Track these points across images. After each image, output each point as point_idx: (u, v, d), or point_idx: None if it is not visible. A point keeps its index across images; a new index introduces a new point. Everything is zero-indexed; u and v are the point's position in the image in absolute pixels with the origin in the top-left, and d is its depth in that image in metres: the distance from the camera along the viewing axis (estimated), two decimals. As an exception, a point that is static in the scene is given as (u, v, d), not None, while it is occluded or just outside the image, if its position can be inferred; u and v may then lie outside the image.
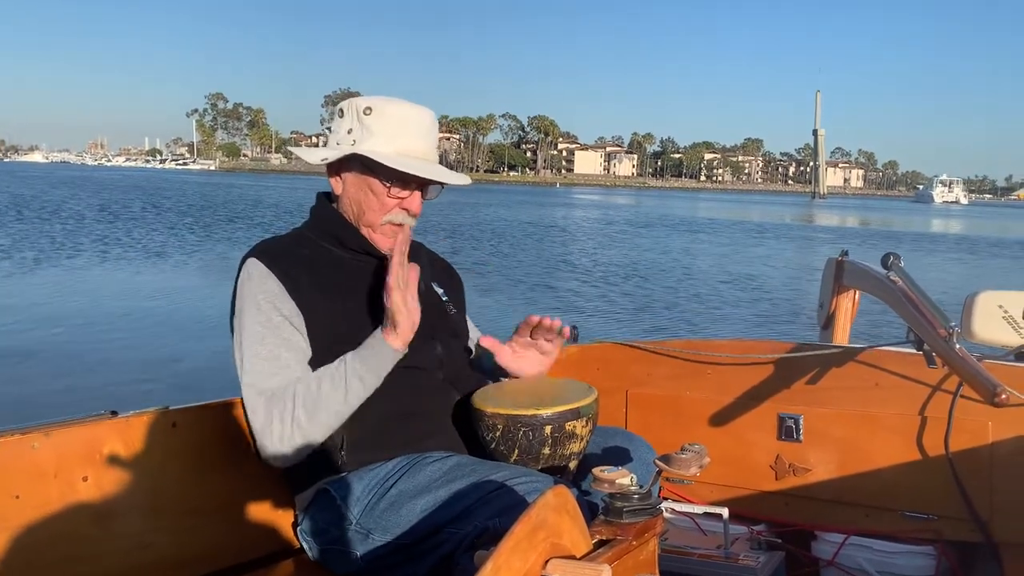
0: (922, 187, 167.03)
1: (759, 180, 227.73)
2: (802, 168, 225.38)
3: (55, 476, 1.70)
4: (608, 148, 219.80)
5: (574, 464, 1.79)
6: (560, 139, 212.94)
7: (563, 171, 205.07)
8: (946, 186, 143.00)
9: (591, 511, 1.45)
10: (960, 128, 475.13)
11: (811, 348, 2.56)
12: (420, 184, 1.89)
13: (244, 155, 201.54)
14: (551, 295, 13.74)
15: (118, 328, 9.75)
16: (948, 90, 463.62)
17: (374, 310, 1.85)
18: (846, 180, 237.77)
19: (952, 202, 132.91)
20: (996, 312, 2.54)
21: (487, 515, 1.59)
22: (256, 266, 1.83)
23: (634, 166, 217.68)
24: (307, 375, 1.78)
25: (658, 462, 1.47)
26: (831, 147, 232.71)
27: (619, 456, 1.86)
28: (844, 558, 2.43)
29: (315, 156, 1.91)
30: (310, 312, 1.81)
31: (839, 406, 2.46)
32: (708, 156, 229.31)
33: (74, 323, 9.91)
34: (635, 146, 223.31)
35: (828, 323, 2.98)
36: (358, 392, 1.75)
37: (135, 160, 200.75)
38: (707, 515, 2.43)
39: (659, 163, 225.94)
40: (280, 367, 1.77)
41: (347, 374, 1.75)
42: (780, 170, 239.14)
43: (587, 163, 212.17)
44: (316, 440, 1.76)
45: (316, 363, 1.81)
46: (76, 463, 1.73)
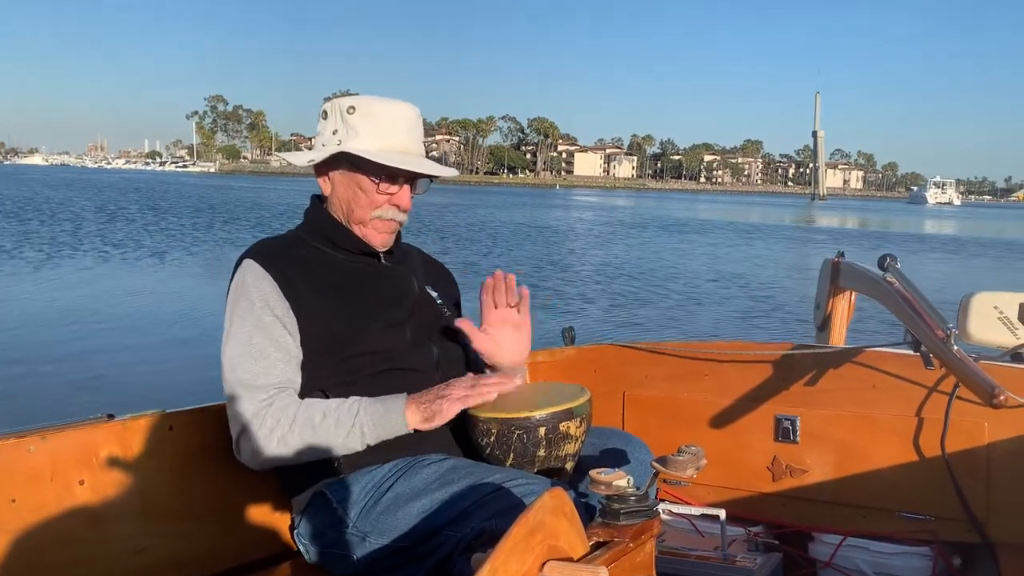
0: (916, 189, 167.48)
1: (759, 182, 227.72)
2: (802, 170, 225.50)
3: (51, 480, 1.70)
4: (608, 150, 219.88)
5: (570, 466, 1.80)
6: (560, 141, 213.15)
7: (563, 173, 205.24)
8: (939, 187, 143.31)
9: (588, 513, 1.45)
10: (960, 130, 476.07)
11: (808, 349, 2.56)
12: (408, 179, 1.89)
13: (244, 157, 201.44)
14: (549, 296, 13.73)
15: (115, 330, 9.72)
16: (947, 92, 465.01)
17: (370, 310, 1.86)
18: (846, 181, 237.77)
19: (945, 203, 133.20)
20: (991, 313, 2.54)
21: (484, 517, 1.60)
22: (251, 266, 1.83)
23: (634, 168, 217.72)
24: (311, 401, 1.77)
25: (655, 464, 1.47)
26: (831, 149, 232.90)
27: (616, 458, 1.87)
28: (841, 559, 2.43)
29: (302, 159, 1.92)
30: (305, 313, 1.81)
31: (836, 407, 2.46)
32: (708, 158, 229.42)
33: (71, 325, 9.88)
34: (635, 148, 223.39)
35: (824, 324, 2.99)
36: (356, 446, 1.76)
37: (135, 162, 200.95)
38: (704, 517, 2.43)
39: (659, 165, 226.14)
40: (267, 366, 1.77)
41: (353, 426, 1.74)
42: (780, 172, 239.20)
43: (587, 165, 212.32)
44: (292, 461, 1.76)
45: (311, 364, 1.82)
46: (72, 466, 1.73)
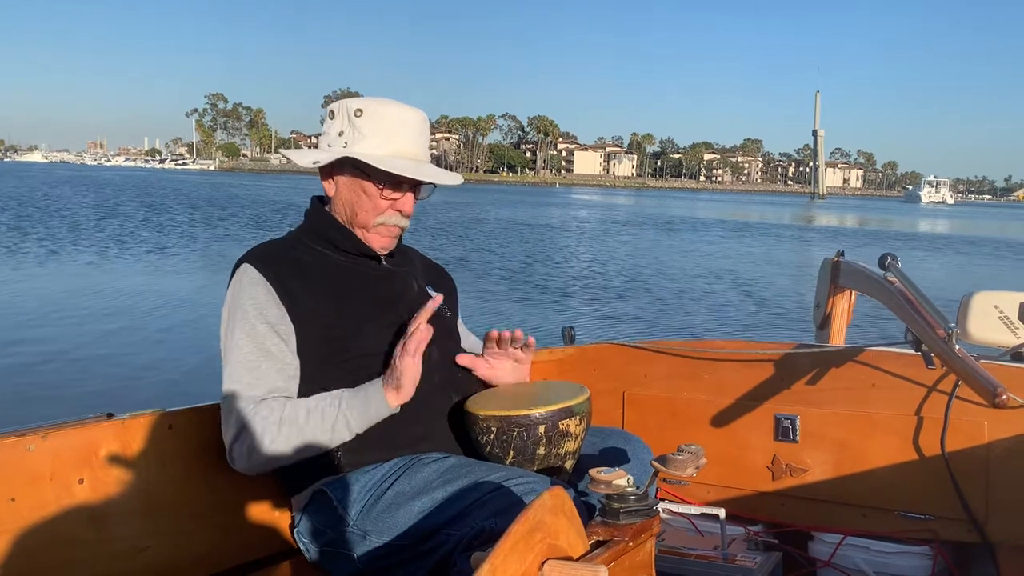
0: (911, 188, 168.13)
1: (759, 181, 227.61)
2: (802, 168, 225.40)
3: (51, 479, 1.70)
4: (608, 148, 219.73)
5: (570, 464, 1.80)
6: (560, 139, 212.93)
7: (563, 171, 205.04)
8: (933, 186, 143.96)
9: (588, 512, 1.46)
10: (960, 129, 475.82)
11: (807, 349, 2.56)
12: (412, 185, 1.89)
13: (244, 155, 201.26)
14: (548, 296, 13.73)
15: (114, 329, 9.72)
16: (947, 91, 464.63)
17: (369, 311, 1.85)
18: (845, 180, 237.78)
19: (939, 202, 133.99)
20: (991, 312, 2.55)
21: (484, 516, 1.60)
22: (247, 272, 1.83)
23: (634, 166, 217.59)
24: (295, 401, 1.77)
25: (655, 463, 1.47)
26: (830, 148, 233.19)
27: (616, 457, 1.87)
28: (841, 558, 2.43)
29: (307, 159, 1.90)
30: (301, 316, 1.81)
31: (835, 406, 2.46)
32: (708, 156, 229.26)
33: (69, 324, 9.89)
34: (635, 146, 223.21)
35: (824, 323, 2.99)
36: (343, 436, 1.77)
37: (134, 160, 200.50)
38: (704, 516, 2.43)
39: (659, 163, 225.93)
40: (258, 376, 1.77)
41: (338, 418, 1.76)
42: (780, 171, 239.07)
43: (587, 163, 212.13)
44: (285, 462, 1.77)
45: (312, 366, 1.82)
46: (72, 465, 1.73)
